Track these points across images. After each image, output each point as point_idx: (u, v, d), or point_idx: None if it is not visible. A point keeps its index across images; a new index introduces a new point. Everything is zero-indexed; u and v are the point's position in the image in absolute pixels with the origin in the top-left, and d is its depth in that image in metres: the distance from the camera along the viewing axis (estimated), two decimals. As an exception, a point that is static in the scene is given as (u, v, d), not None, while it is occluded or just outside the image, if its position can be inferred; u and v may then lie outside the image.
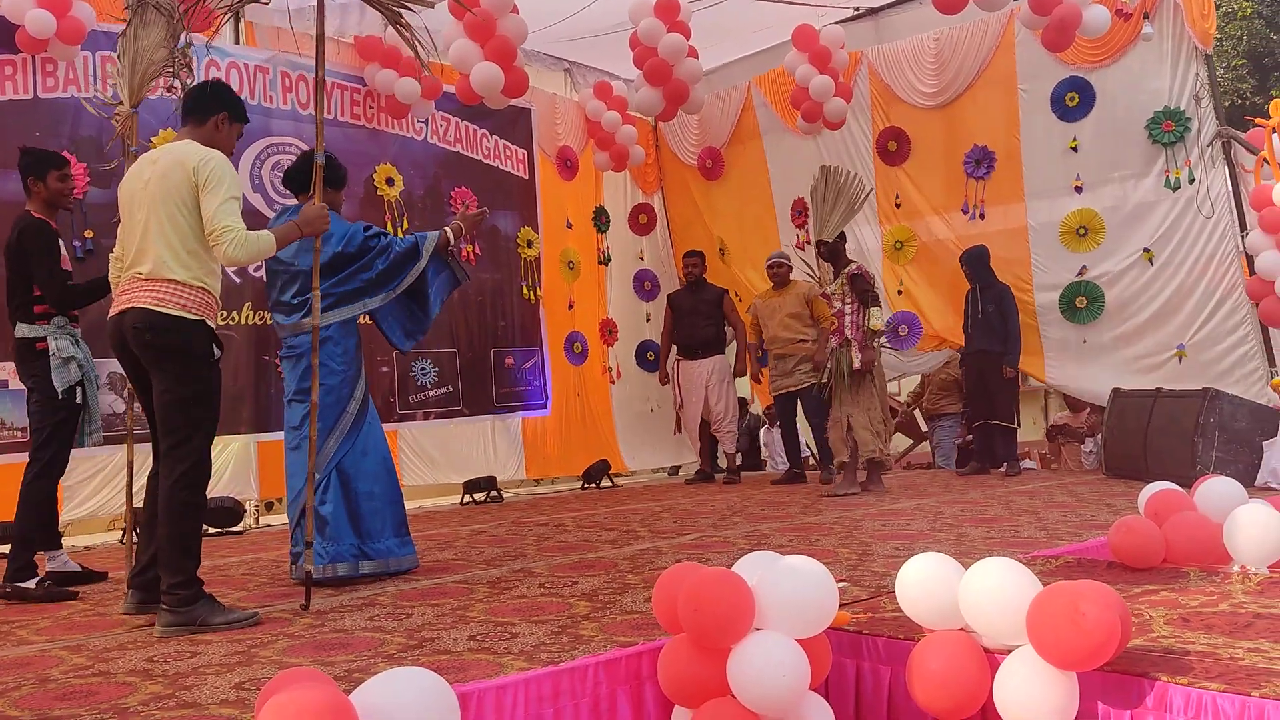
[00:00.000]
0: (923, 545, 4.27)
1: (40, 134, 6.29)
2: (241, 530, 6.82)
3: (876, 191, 8.78)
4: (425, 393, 8.18)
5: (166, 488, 3.37)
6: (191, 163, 3.36)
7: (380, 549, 4.29)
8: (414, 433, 8.12)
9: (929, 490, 6.73)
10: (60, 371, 4.34)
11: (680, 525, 5.56)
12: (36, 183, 4.47)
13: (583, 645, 2.84)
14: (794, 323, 7.85)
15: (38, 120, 6.34)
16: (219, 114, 3.58)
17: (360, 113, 8.04)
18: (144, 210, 3.41)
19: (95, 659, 3.02)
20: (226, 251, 3.34)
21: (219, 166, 3.38)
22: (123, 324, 3.41)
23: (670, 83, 8.14)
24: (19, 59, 6.24)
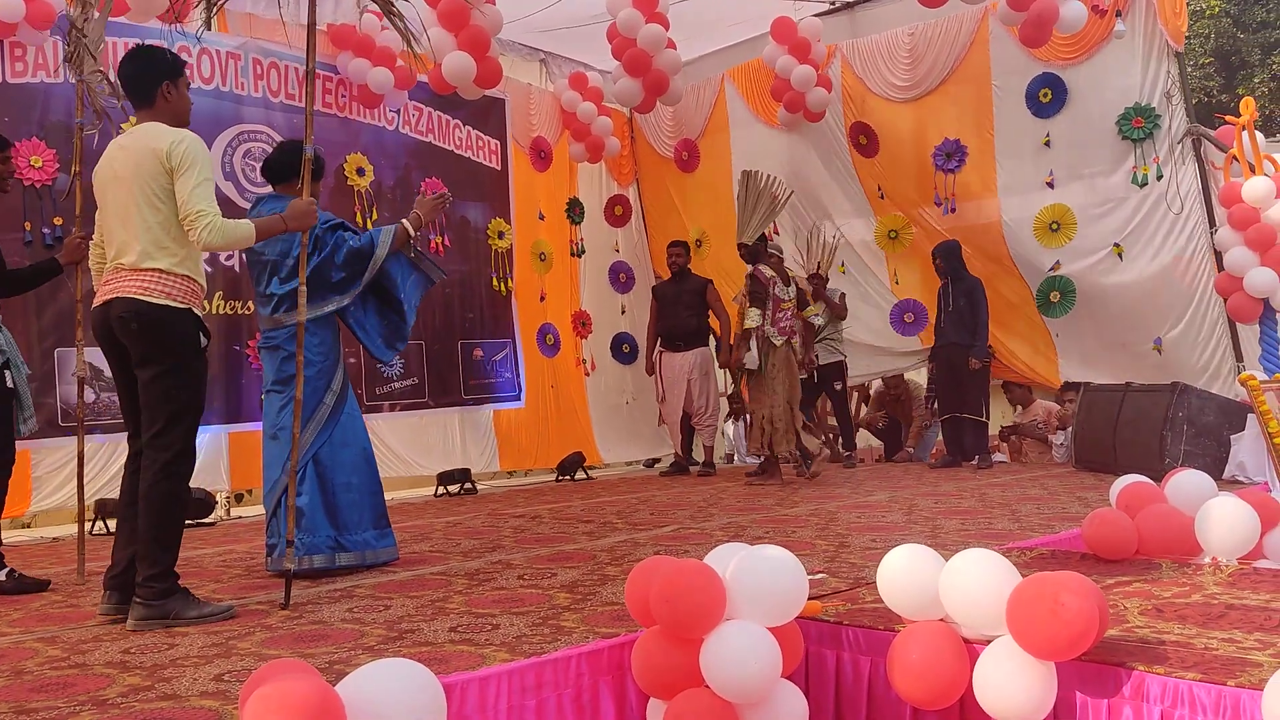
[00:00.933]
0: (899, 537, 4.30)
1: (9, 119, 6.21)
2: (213, 522, 6.76)
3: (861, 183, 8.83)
4: (391, 384, 8.14)
5: (149, 477, 3.33)
6: (164, 148, 3.30)
7: (357, 541, 4.27)
8: (380, 424, 8.06)
9: (903, 482, 6.79)
10: None
11: (657, 517, 5.57)
12: None
13: (564, 636, 2.85)
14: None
15: (6, 105, 6.25)
16: (160, 85, 3.46)
17: (332, 101, 7.98)
18: (120, 200, 3.36)
19: (71, 651, 3.00)
20: (202, 237, 3.28)
21: (191, 148, 3.32)
22: (109, 314, 3.37)
23: (650, 73, 8.15)
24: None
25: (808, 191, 9.12)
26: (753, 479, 7.18)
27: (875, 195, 8.76)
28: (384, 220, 8.16)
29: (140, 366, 3.39)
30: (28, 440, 6.03)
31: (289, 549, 3.53)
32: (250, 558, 4.84)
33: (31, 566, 4.86)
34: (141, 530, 3.32)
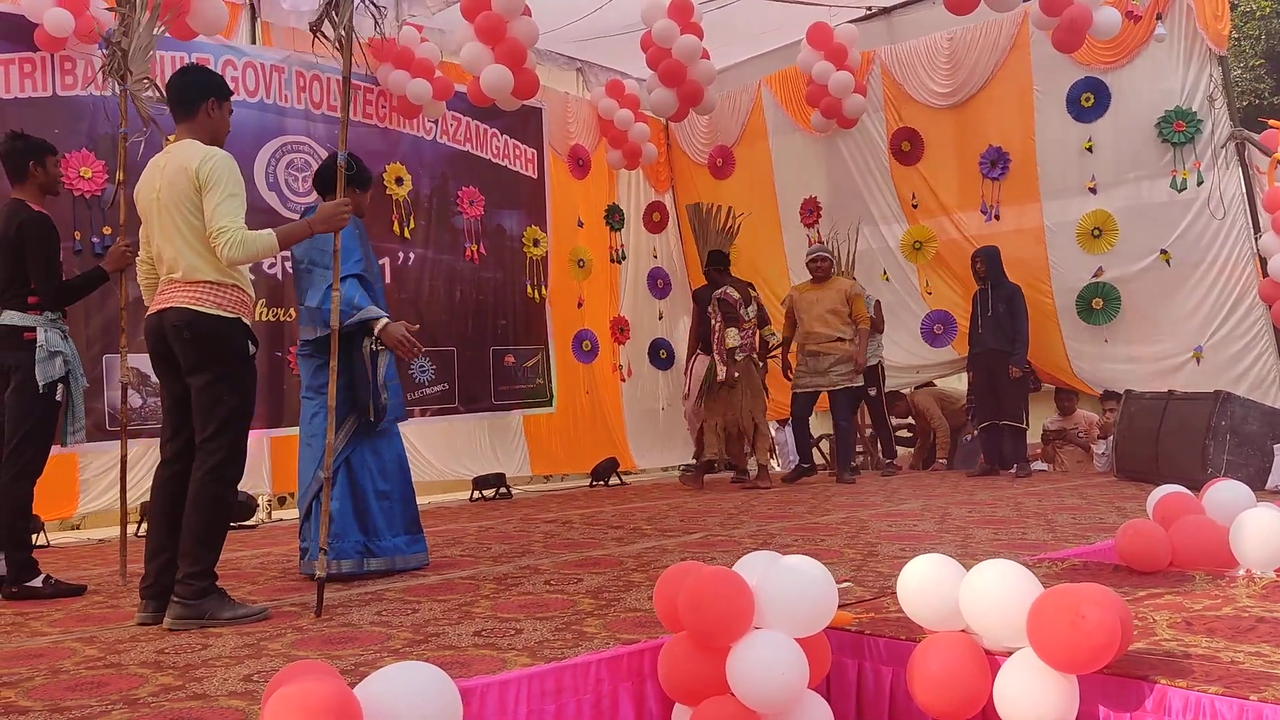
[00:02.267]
0: (929, 546, 4.28)
1: (59, 131, 6.35)
2: (254, 524, 6.87)
3: (897, 191, 8.80)
4: (422, 390, 8.22)
5: (199, 478, 3.42)
6: (193, 166, 3.39)
7: (387, 547, 4.31)
8: (411, 430, 8.15)
9: (938, 491, 6.74)
10: (45, 365, 4.21)
11: (686, 524, 5.58)
12: (38, 167, 4.37)
13: (586, 642, 2.86)
14: (834, 319, 7.72)
15: (56, 118, 6.40)
16: (206, 101, 3.55)
17: (372, 112, 8.10)
18: (162, 220, 3.46)
19: (107, 651, 3.07)
20: (224, 253, 3.36)
21: (217, 166, 3.40)
22: (163, 322, 3.48)
23: (685, 84, 8.17)
24: (38, 57, 6.32)
25: (842, 198, 9.10)
26: (686, 478, 8.09)
27: (909, 204, 8.70)
28: (420, 230, 8.28)
29: (191, 374, 3.47)
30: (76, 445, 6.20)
31: (321, 555, 3.57)
32: (286, 560, 4.92)
33: (76, 568, 4.98)
34: (186, 529, 3.40)
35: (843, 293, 7.75)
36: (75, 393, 4.38)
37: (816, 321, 7.74)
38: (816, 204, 9.33)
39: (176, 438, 3.51)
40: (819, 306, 7.75)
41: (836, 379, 7.71)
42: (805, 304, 7.83)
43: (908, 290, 8.89)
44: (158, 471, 3.53)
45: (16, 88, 6.24)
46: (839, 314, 7.71)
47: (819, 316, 7.73)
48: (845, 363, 7.66)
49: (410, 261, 8.25)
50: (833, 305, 7.71)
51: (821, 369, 7.73)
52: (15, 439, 4.24)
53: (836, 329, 7.70)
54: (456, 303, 8.51)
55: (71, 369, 4.35)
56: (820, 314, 7.73)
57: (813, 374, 7.78)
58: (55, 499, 6.21)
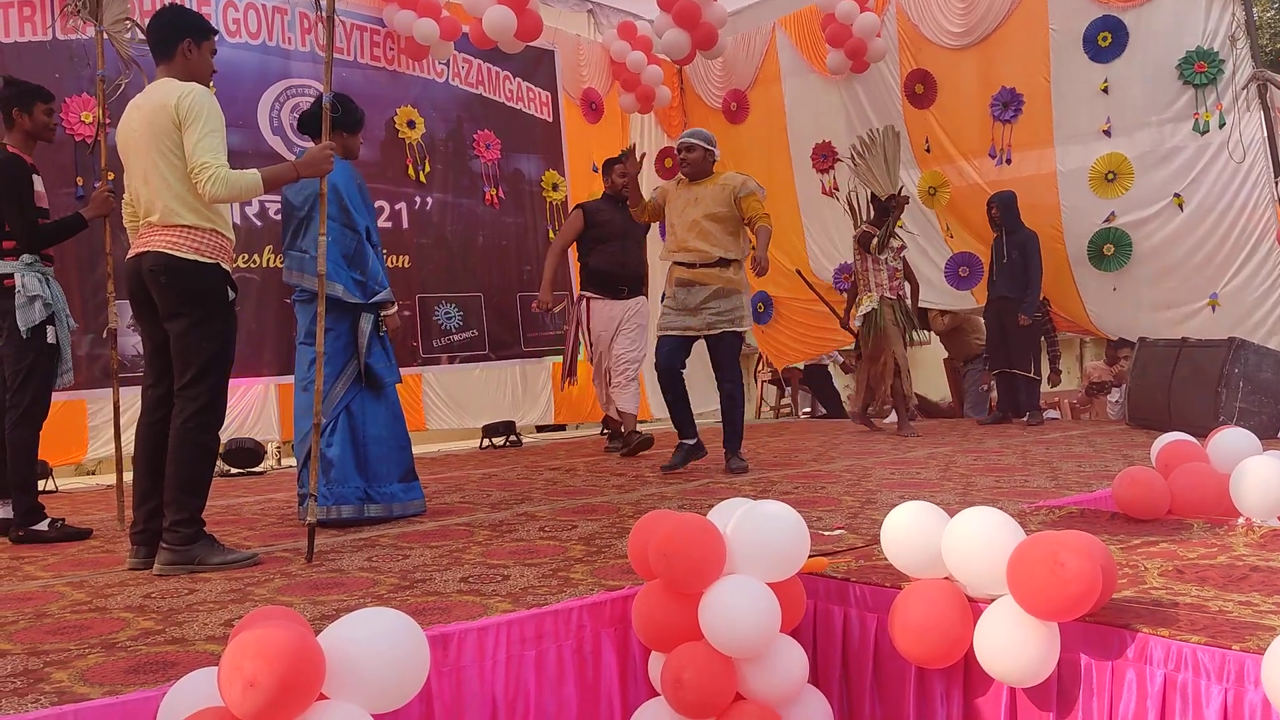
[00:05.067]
0: (928, 494, 4.24)
1: (59, 76, 6.30)
2: (262, 471, 6.91)
3: (909, 135, 8.65)
4: (449, 337, 8.20)
5: (178, 425, 3.39)
6: (172, 102, 3.32)
7: (386, 493, 4.32)
8: (437, 376, 8.15)
9: (947, 439, 6.68)
10: (25, 310, 4.20)
11: (689, 472, 5.55)
12: (21, 114, 4.32)
13: (570, 588, 2.85)
14: (714, 230, 5.31)
15: (57, 63, 6.34)
16: (182, 41, 3.48)
17: (380, 54, 7.98)
18: (141, 160, 3.41)
19: (95, 595, 3.08)
20: (206, 189, 3.30)
21: (196, 100, 3.33)
22: (140, 267, 3.43)
23: (699, 26, 8.02)
24: (37, 0, 6.24)
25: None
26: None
27: (921, 149, 8.54)
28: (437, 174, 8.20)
29: (169, 320, 3.44)
30: (83, 389, 6.23)
31: (312, 501, 3.57)
32: (287, 507, 4.93)
33: (81, 512, 5.02)
34: (169, 477, 3.39)
35: (728, 190, 5.29)
36: (62, 335, 4.36)
37: (689, 232, 5.33)
38: (831, 149, 9.17)
39: (158, 385, 3.49)
40: (692, 211, 5.34)
41: (713, 320, 5.30)
42: (675, 208, 5.46)
43: (928, 236, 8.74)
44: (140, 418, 3.51)
45: (16, 32, 6.18)
46: (722, 222, 5.30)
47: (692, 225, 5.32)
48: (726, 298, 5.31)
49: (429, 206, 8.18)
50: (711, 208, 5.28)
51: (692, 304, 5.32)
52: (15, 385, 4.27)
53: (716, 245, 5.29)
54: (479, 248, 8.44)
55: (55, 311, 4.32)
56: (693, 221, 5.31)
57: (681, 310, 5.36)
58: (64, 444, 6.27)
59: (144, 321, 3.55)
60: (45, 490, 5.49)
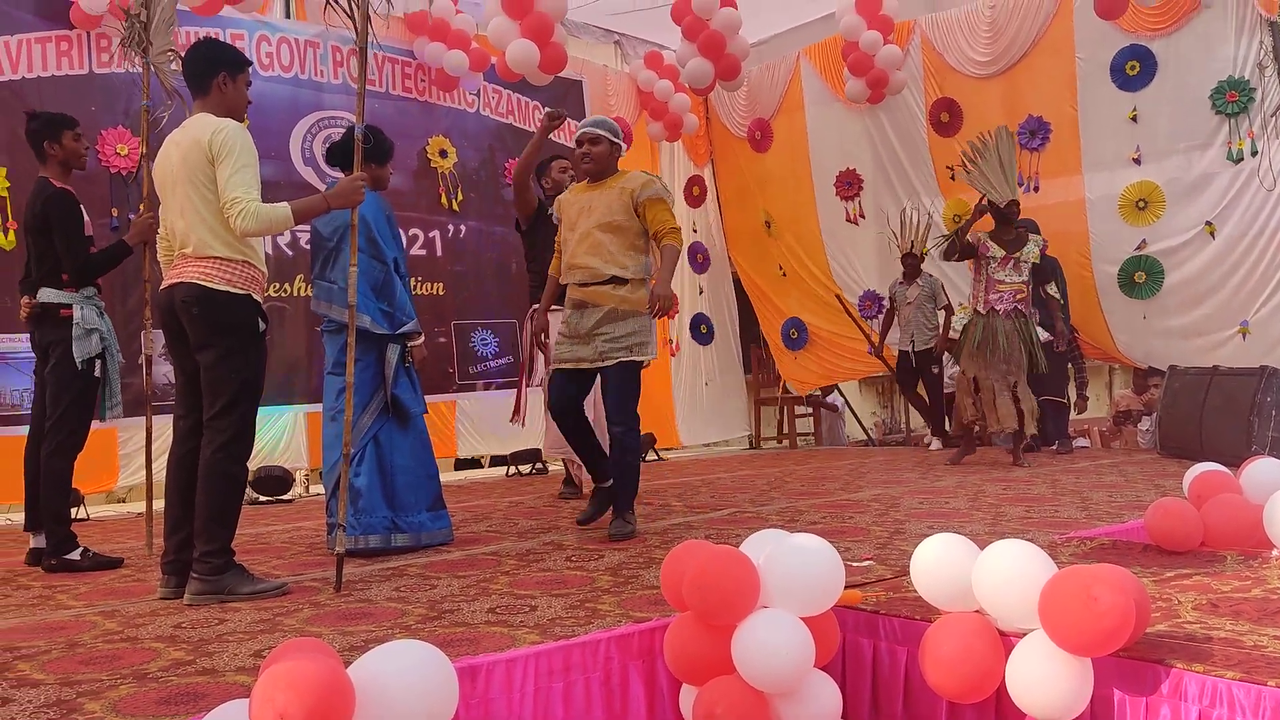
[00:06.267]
0: (957, 525, 4.21)
1: (95, 109, 6.43)
2: (290, 499, 6.95)
3: (934, 163, 8.67)
4: (485, 363, 8.24)
5: (207, 456, 3.42)
6: (205, 138, 3.38)
7: (413, 522, 4.33)
8: (472, 404, 8.18)
9: (975, 468, 6.63)
10: (82, 342, 4.27)
11: (716, 500, 5.55)
12: (53, 144, 4.39)
13: (598, 620, 2.84)
14: (610, 243, 4.42)
15: (93, 95, 6.47)
16: (217, 75, 3.53)
17: (411, 85, 8.09)
18: (177, 194, 3.46)
19: (126, 625, 3.10)
20: (238, 224, 3.34)
21: (230, 137, 3.38)
22: (173, 297, 3.48)
23: (724, 57, 8.08)
24: (74, 35, 6.38)
25: (886, 171, 8.97)
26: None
27: (945, 176, 8.54)
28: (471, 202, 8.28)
29: (200, 350, 3.48)
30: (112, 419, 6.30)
31: (340, 531, 3.58)
32: (315, 535, 4.95)
33: (113, 541, 5.06)
34: (199, 507, 3.42)
35: (626, 194, 4.42)
36: (112, 368, 4.44)
37: (579, 246, 4.47)
38: (856, 176, 9.20)
39: (189, 416, 3.52)
40: (584, 221, 4.49)
41: (605, 348, 4.39)
42: (569, 219, 4.61)
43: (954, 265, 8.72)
44: (172, 448, 3.54)
45: (54, 66, 6.31)
46: (619, 233, 4.42)
47: (583, 237, 4.46)
48: (622, 320, 4.39)
49: (463, 234, 8.25)
50: (605, 217, 4.42)
51: (584, 330, 4.43)
52: (55, 415, 4.31)
53: (609, 261, 4.40)
54: (513, 275, 8.49)
55: (108, 345, 4.40)
56: (585, 233, 4.46)
57: (573, 339, 4.48)
58: (96, 472, 6.33)
59: (176, 352, 3.59)
60: (77, 518, 5.54)
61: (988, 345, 6.50)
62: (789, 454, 9.31)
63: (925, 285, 8.23)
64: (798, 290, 9.83)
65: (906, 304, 8.25)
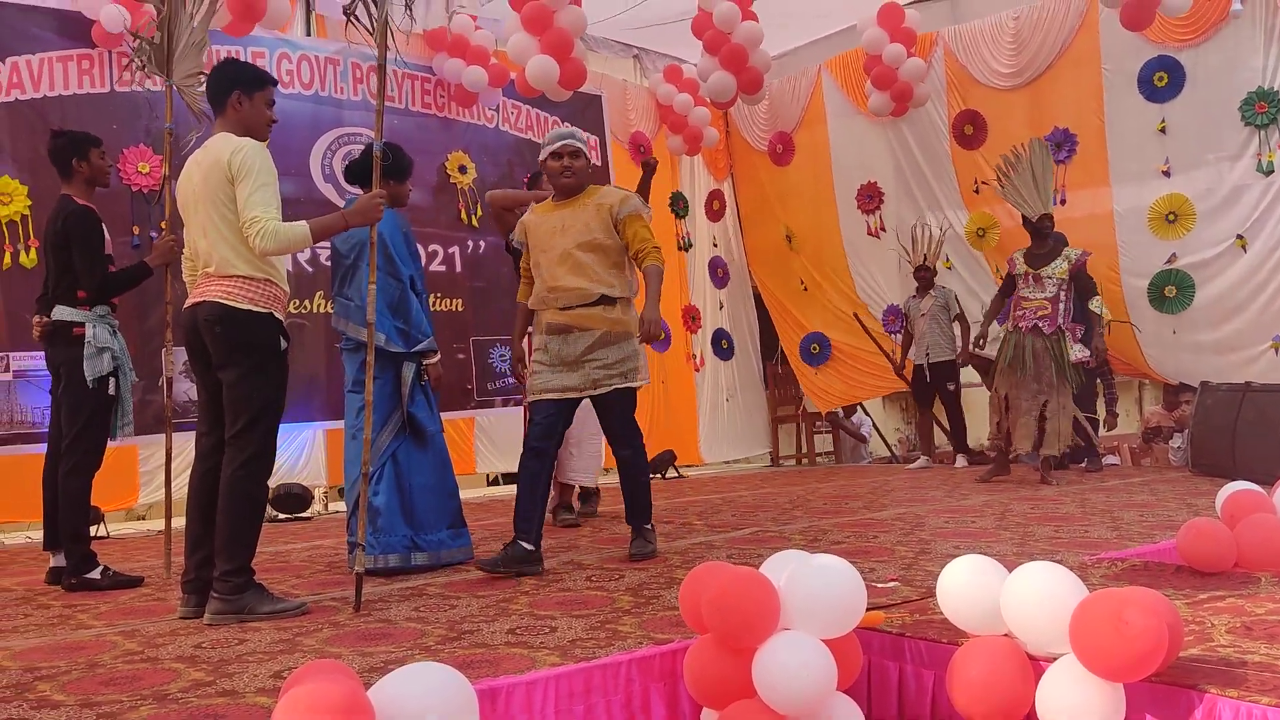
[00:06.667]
0: (984, 545, 4.18)
1: (118, 126, 6.51)
2: (310, 516, 6.98)
3: (957, 176, 8.66)
4: (504, 380, 8.26)
5: (228, 475, 3.45)
6: (225, 157, 3.42)
7: (433, 540, 4.34)
8: (491, 420, 8.21)
9: (1002, 486, 6.58)
10: (93, 361, 4.30)
11: (738, 519, 5.53)
12: (80, 162, 4.44)
13: (619, 641, 2.84)
14: (590, 262, 4.25)
15: (114, 113, 6.55)
16: (231, 94, 3.56)
17: (431, 102, 8.15)
18: (199, 214, 3.50)
19: (146, 645, 3.12)
20: (256, 244, 3.38)
21: (249, 156, 3.41)
22: (196, 317, 3.52)
23: (745, 70, 8.10)
24: (95, 54, 6.46)
25: (908, 184, 8.97)
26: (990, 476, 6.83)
27: (970, 190, 8.52)
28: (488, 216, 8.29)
29: (222, 369, 3.51)
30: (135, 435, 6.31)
31: (360, 550, 3.59)
32: (335, 553, 4.97)
33: (132, 559, 5.10)
34: (219, 526, 3.44)
35: (604, 211, 4.27)
36: (124, 387, 4.46)
37: (559, 267, 4.26)
38: (877, 189, 9.20)
39: (211, 434, 3.55)
40: (561, 240, 4.28)
41: (600, 375, 4.25)
42: (539, 240, 4.37)
43: (977, 278, 8.72)
44: (194, 467, 3.58)
45: (75, 84, 6.40)
46: (602, 252, 4.26)
47: (563, 258, 4.26)
48: (615, 345, 4.26)
49: (483, 250, 8.29)
50: (585, 235, 4.25)
51: (571, 356, 4.26)
52: (71, 434, 4.35)
53: (597, 280, 4.24)
54: None
55: (120, 364, 4.43)
56: (564, 253, 4.26)
57: (557, 366, 4.28)
58: (117, 490, 6.39)
59: (198, 370, 3.62)
60: (97, 536, 5.58)
61: (1018, 363, 6.48)
62: (811, 471, 9.29)
63: (938, 296, 8.19)
64: (819, 305, 9.83)
65: (920, 316, 8.22)
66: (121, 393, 4.46)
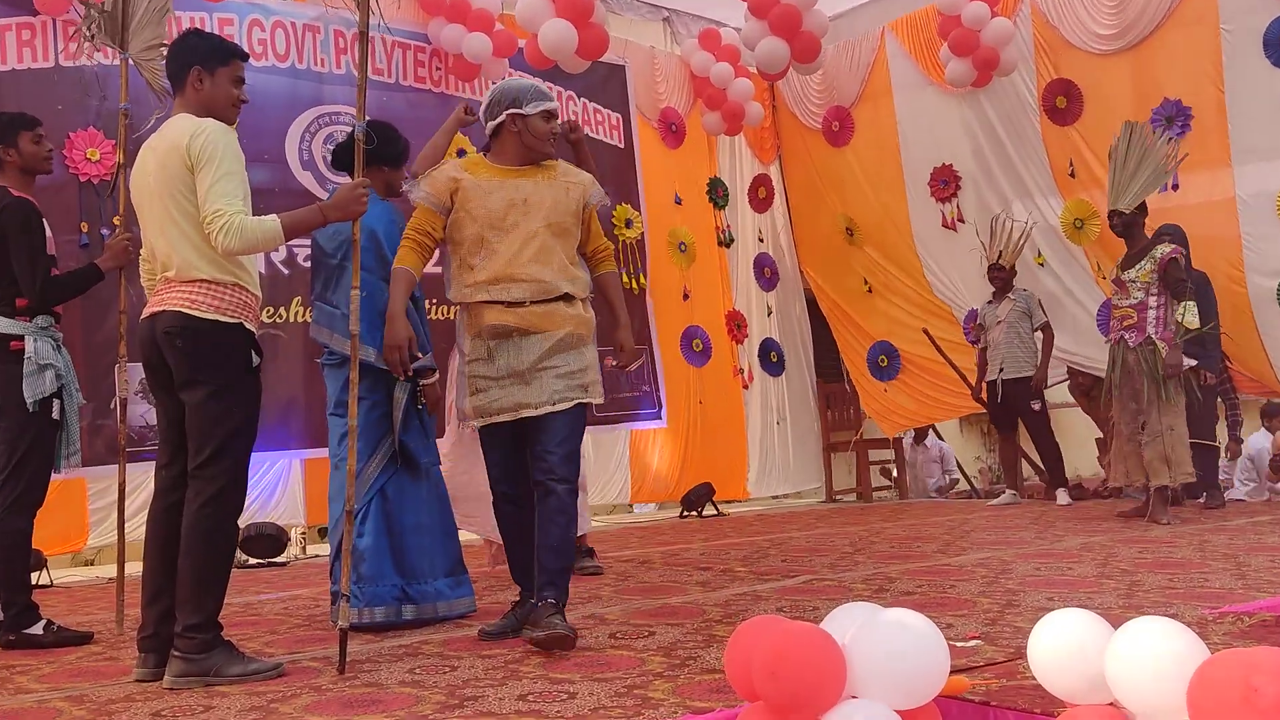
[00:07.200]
0: (1083, 596, 4.16)
1: (63, 107, 6.59)
2: (285, 562, 7.02)
3: (1049, 157, 8.63)
4: None
5: (192, 512, 3.47)
6: (183, 142, 3.44)
7: (427, 591, 4.34)
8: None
9: (1104, 525, 6.54)
10: (34, 380, 4.29)
11: (789, 565, 5.52)
12: (7, 149, 4.45)
13: (650, 710, 2.84)
14: (556, 248, 3.98)
15: (60, 92, 6.62)
16: (189, 71, 3.59)
17: (425, 75, 8.21)
18: (155, 208, 3.53)
19: (97, 712, 3.14)
20: (218, 240, 3.38)
21: (210, 140, 3.44)
22: (155, 327, 3.54)
23: (799, 35, 8.10)
24: (38, 22, 6.55)
25: (989, 167, 8.95)
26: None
27: (1065, 173, 8.48)
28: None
29: (185, 388, 3.53)
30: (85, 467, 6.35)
31: (344, 602, 3.61)
32: (314, 605, 5.00)
33: (80, 611, 5.15)
34: (182, 573, 3.46)
35: (577, 192, 4.08)
36: (70, 411, 4.47)
37: (523, 249, 3.94)
38: (953, 173, 9.19)
39: (173, 464, 3.58)
40: (523, 218, 3.95)
41: (560, 388, 3.93)
42: (491, 208, 3.95)
43: (1075, 276, 8.67)
44: (153, 503, 3.60)
45: (14, 58, 6.47)
46: (568, 238, 4.04)
47: (528, 239, 3.94)
48: (576, 350, 3.98)
49: (484, 244, 8.32)
50: (556, 216, 3.99)
51: (524, 365, 3.91)
52: (9, 466, 4.33)
53: (561, 273, 3.98)
54: None
55: (65, 384, 4.44)
56: (531, 233, 3.95)
57: (506, 378, 3.93)
58: (62, 530, 6.45)
59: (158, 390, 3.65)
60: (39, 585, 5.64)
61: (1113, 381, 6.61)
62: (874, 508, 9.26)
63: (1018, 301, 8.14)
64: (886, 309, 9.81)
65: (996, 324, 8.18)
66: (67, 417, 4.47)
